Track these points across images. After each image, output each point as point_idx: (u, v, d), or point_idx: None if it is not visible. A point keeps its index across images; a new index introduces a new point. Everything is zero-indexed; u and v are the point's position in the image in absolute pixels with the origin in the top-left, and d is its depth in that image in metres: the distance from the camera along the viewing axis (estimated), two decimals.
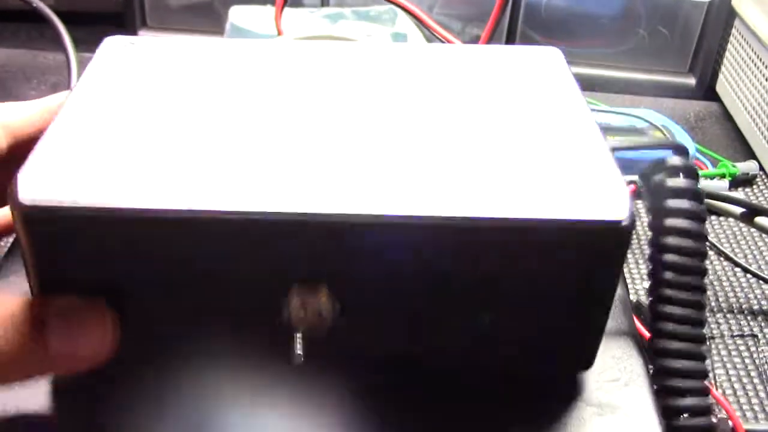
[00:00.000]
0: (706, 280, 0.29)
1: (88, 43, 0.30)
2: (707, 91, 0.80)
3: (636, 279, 0.52)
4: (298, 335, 0.25)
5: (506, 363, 0.28)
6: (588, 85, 0.79)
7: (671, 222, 0.29)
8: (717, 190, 0.59)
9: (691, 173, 0.30)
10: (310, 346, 0.25)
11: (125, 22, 0.82)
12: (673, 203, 0.29)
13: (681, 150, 0.31)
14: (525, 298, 0.25)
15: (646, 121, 0.64)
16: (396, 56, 0.32)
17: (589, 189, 0.24)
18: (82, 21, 0.68)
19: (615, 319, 0.31)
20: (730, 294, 0.51)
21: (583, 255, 0.24)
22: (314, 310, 0.25)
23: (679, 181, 0.30)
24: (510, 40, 0.80)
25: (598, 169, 0.25)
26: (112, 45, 0.31)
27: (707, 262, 0.29)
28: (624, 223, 0.23)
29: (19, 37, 0.83)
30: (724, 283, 0.52)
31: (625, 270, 0.53)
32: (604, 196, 0.24)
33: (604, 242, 0.24)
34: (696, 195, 0.30)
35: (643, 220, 0.55)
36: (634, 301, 0.33)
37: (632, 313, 0.32)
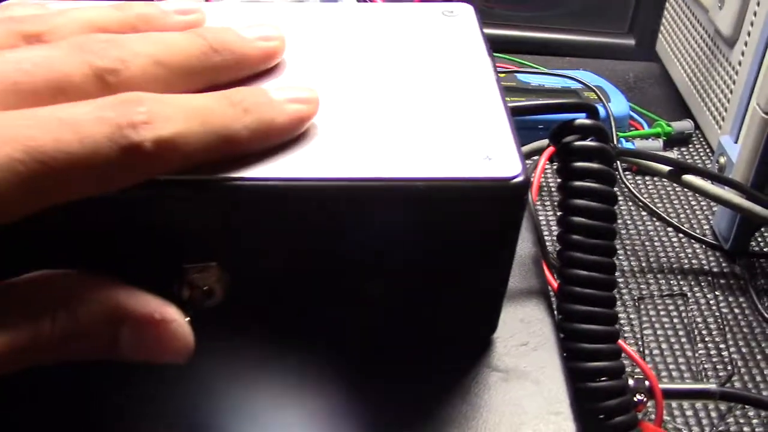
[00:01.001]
0: (638, 241, 0.29)
1: None
2: (647, 52, 0.80)
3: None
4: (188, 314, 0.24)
5: (404, 329, 0.27)
6: (528, 47, 0.79)
7: (576, 183, 0.29)
8: (650, 150, 0.59)
9: (599, 134, 0.30)
10: (202, 321, 0.24)
11: None
12: (578, 165, 0.29)
13: (590, 110, 0.30)
14: (421, 261, 0.25)
15: (581, 82, 0.63)
16: (302, 15, 0.31)
17: (481, 148, 0.24)
18: None
19: (526, 281, 0.30)
20: (661, 253, 0.51)
21: (477, 214, 0.24)
22: (203, 285, 0.24)
23: (585, 143, 0.29)
24: None
25: (492, 128, 0.25)
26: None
27: (626, 219, 0.29)
28: (515, 180, 0.23)
29: None
30: (656, 243, 0.52)
31: (547, 231, 0.53)
32: (496, 154, 0.23)
33: (498, 200, 0.23)
34: (603, 155, 0.29)
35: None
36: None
37: (545, 274, 0.31)
